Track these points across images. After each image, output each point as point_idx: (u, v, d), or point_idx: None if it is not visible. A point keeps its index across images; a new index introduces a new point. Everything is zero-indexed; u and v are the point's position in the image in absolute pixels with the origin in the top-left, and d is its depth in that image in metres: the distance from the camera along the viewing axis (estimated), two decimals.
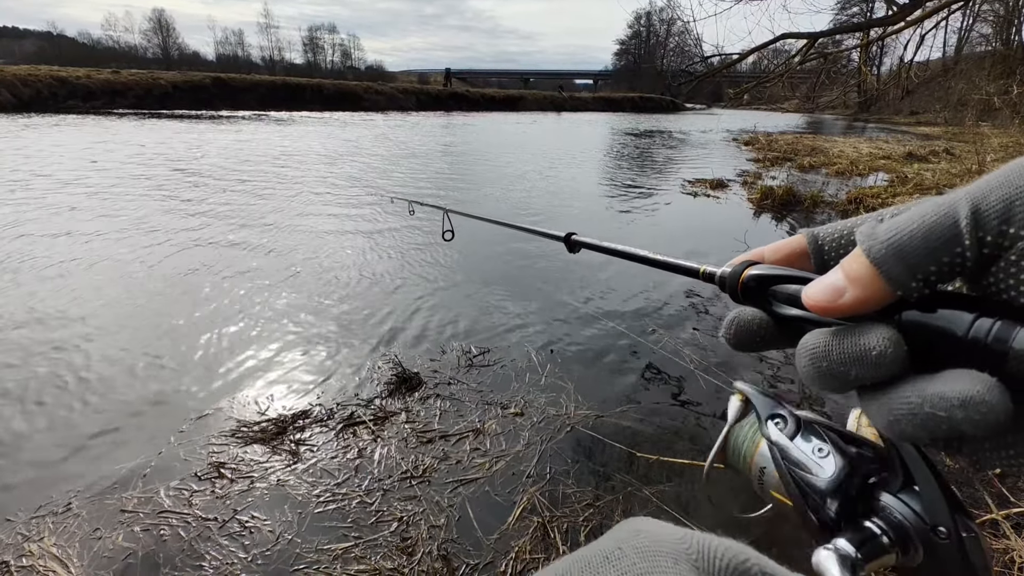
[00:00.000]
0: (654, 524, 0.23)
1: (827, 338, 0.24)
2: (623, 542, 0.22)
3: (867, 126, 29.68)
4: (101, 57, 56.41)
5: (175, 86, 25.55)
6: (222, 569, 1.59)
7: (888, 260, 0.22)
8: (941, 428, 0.21)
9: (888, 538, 0.28)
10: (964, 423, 0.20)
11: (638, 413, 2.40)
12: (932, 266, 0.22)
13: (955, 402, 0.20)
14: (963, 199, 0.22)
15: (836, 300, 0.24)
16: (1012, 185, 0.21)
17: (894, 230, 0.23)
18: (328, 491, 1.89)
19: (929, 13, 7.70)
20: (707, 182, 8.78)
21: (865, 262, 0.23)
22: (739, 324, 0.30)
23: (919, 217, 0.22)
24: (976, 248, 0.21)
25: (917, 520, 0.28)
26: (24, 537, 1.67)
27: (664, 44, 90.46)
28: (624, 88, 72.03)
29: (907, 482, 0.29)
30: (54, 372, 2.58)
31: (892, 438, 0.27)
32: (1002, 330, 0.20)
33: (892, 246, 0.22)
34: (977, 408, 0.19)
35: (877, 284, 0.23)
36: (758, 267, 0.30)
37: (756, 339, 0.29)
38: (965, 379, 0.20)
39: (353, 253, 4.59)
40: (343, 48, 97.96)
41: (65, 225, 5.03)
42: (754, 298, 0.30)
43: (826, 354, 0.24)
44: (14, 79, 20.06)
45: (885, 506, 0.29)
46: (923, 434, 0.21)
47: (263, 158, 10.03)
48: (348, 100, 31.25)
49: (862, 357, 0.23)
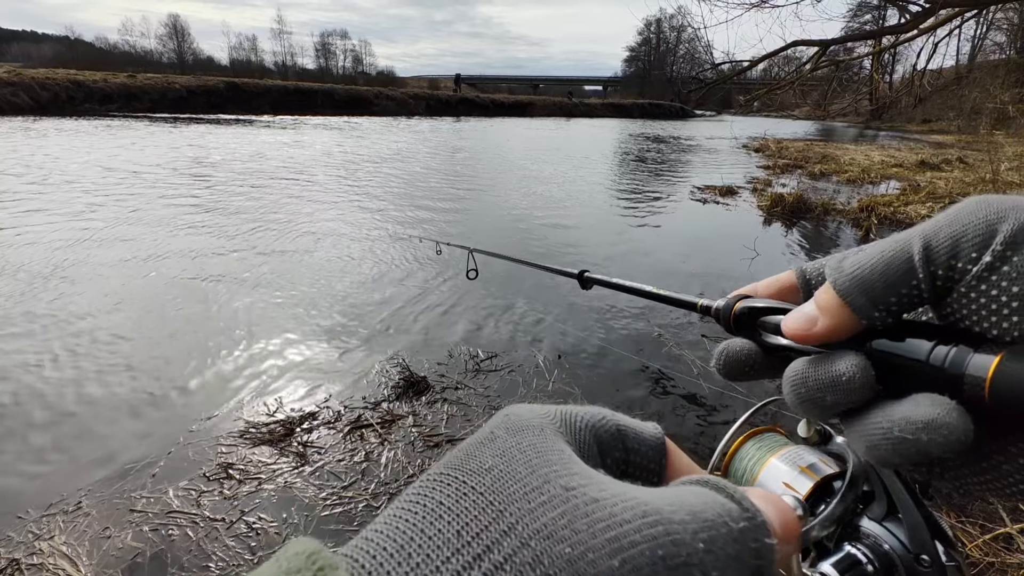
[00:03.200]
0: (523, 407, 0.25)
1: (805, 366, 0.26)
2: (495, 427, 0.23)
3: (879, 133, 29.47)
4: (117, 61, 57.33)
5: (189, 90, 25.88)
6: (229, 570, 1.59)
7: (852, 292, 0.24)
8: (912, 451, 0.22)
9: (873, 567, 0.29)
10: (930, 445, 0.21)
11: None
12: (892, 297, 0.24)
13: (919, 424, 0.21)
14: (917, 236, 0.24)
15: (810, 329, 0.26)
16: (959, 223, 0.23)
17: (856, 265, 0.25)
18: (335, 494, 1.90)
19: (942, 21, 7.65)
20: (717, 189, 8.75)
21: (833, 293, 0.25)
22: (728, 354, 0.31)
23: (879, 252, 0.24)
24: (930, 281, 0.23)
25: (901, 548, 0.28)
26: (35, 535, 1.69)
27: (674, 51, 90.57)
28: (634, 94, 72.04)
29: (891, 510, 0.30)
30: (66, 374, 2.61)
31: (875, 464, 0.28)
32: (957, 356, 0.22)
33: (855, 279, 0.24)
34: (939, 430, 0.21)
35: (844, 314, 0.25)
36: (749, 300, 0.32)
37: (745, 368, 0.30)
38: (927, 403, 0.22)
39: (366, 263, 4.61)
40: (354, 53, 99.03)
41: (79, 228, 5.11)
42: (745, 329, 0.31)
43: (804, 380, 0.25)
44: (32, 82, 20.42)
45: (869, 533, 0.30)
46: (899, 459, 0.23)
47: (315, 163, 10.13)
48: (359, 105, 31.49)
49: (834, 383, 0.24)
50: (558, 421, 0.22)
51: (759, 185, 9.32)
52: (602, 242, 5.55)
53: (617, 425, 0.24)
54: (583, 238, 5.66)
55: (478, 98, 41.13)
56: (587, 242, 5.52)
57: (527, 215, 6.49)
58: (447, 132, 20.86)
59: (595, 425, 0.23)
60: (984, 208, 0.23)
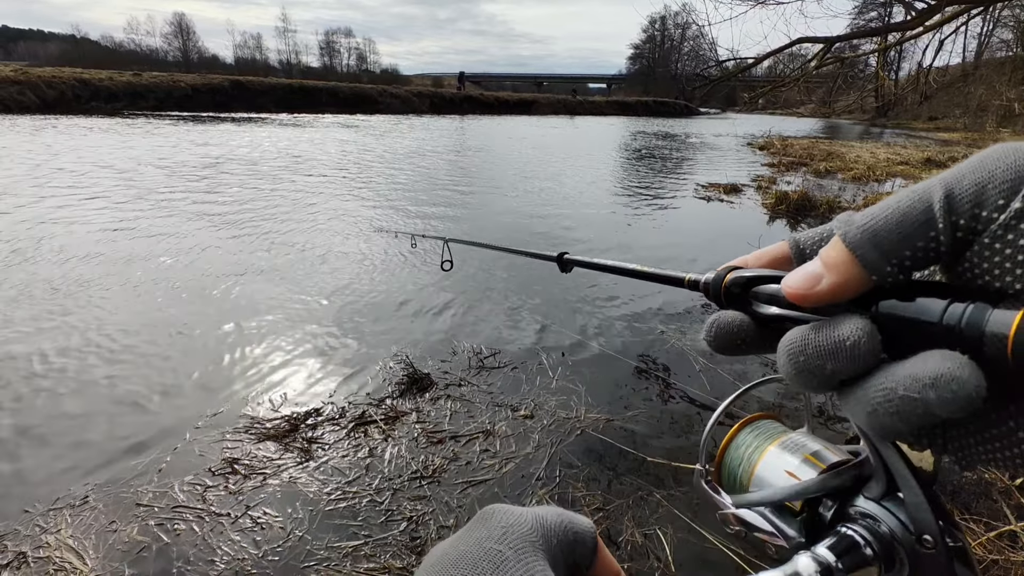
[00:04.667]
0: (512, 515, 0.27)
1: (804, 332, 0.24)
2: (501, 542, 0.25)
3: (885, 131, 29.29)
4: (123, 60, 57.55)
5: (195, 88, 25.95)
6: (234, 564, 1.60)
7: (864, 245, 0.22)
8: (916, 412, 0.20)
9: (872, 549, 0.27)
10: (937, 403, 0.20)
11: (649, 417, 2.39)
12: (907, 251, 0.22)
13: (927, 380, 0.20)
14: (937, 185, 0.22)
15: (813, 287, 0.24)
16: (985, 169, 0.21)
17: (869, 216, 0.23)
18: (339, 489, 1.91)
19: (948, 18, 7.60)
20: (721, 186, 8.72)
21: (842, 248, 0.23)
22: (719, 326, 0.29)
23: (895, 203, 0.23)
24: (950, 232, 0.22)
25: (902, 529, 0.27)
26: (42, 528, 1.70)
27: (679, 48, 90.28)
28: (638, 92, 71.80)
29: (890, 489, 0.28)
30: (72, 371, 2.63)
31: (873, 435, 0.27)
32: (975, 313, 0.20)
33: (868, 231, 0.23)
34: (948, 386, 0.19)
35: (853, 270, 0.23)
36: (741, 271, 0.30)
37: (737, 341, 0.29)
38: (936, 358, 0.20)
39: (368, 260, 4.63)
40: (359, 52, 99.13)
41: (91, 225, 5.14)
42: (737, 302, 0.30)
43: (803, 348, 0.24)
44: (39, 81, 20.51)
45: (868, 514, 0.28)
46: (901, 423, 0.21)
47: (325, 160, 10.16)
48: (364, 103, 31.50)
49: (837, 348, 0.23)
50: (537, 537, 0.26)
51: (763, 183, 9.29)
52: (604, 239, 5.54)
53: (573, 532, 0.28)
54: (585, 236, 5.66)
55: (482, 96, 41.07)
56: (588, 239, 5.51)
57: (528, 211, 6.49)
58: (452, 130, 20.85)
59: (561, 539, 0.27)
60: (1012, 154, 0.21)
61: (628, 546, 1.70)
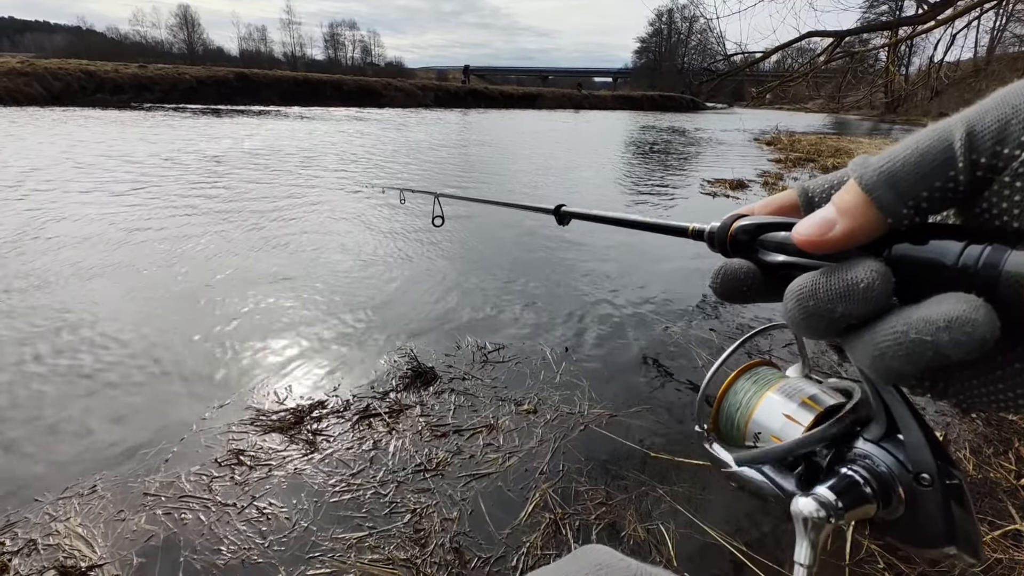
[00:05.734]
0: (612, 557, 0.25)
1: (815, 277, 0.24)
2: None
3: (894, 127, 29.02)
4: (129, 52, 57.45)
5: (199, 81, 25.93)
6: (240, 554, 1.62)
7: (880, 187, 0.22)
8: (927, 355, 0.20)
9: (871, 488, 0.27)
10: (950, 346, 0.19)
11: (653, 413, 2.39)
12: (924, 191, 0.22)
13: (941, 323, 0.20)
14: (958, 122, 0.22)
15: (826, 233, 0.23)
16: (1008, 105, 0.21)
17: (887, 158, 0.22)
18: (343, 481, 1.92)
19: (960, 12, 7.50)
20: (727, 182, 8.67)
21: (857, 190, 0.23)
22: (726, 273, 0.29)
23: (913, 143, 0.22)
24: (969, 171, 0.21)
25: (900, 468, 0.27)
26: (51, 517, 1.73)
27: (686, 42, 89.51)
28: (644, 86, 71.37)
29: (890, 430, 0.28)
30: (81, 362, 2.66)
31: (877, 378, 0.26)
32: (992, 255, 0.20)
33: (884, 173, 0.22)
34: (962, 328, 0.19)
35: (868, 213, 0.22)
36: (748, 218, 0.30)
37: (743, 288, 0.29)
38: (951, 301, 0.20)
39: (370, 248, 4.63)
40: (363, 44, 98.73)
41: (96, 222, 5.17)
42: (744, 250, 0.30)
43: (813, 292, 0.24)
44: (45, 72, 20.55)
45: (868, 454, 0.28)
46: (908, 366, 0.21)
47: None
48: (368, 96, 31.41)
49: (849, 291, 0.22)
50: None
51: (770, 179, 9.23)
52: (607, 237, 5.52)
53: None
54: (587, 235, 5.64)
55: (487, 90, 40.88)
56: (591, 235, 5.49)
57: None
58: (457, 125, 20.80)
59: None
60: None
61: (631, 541, 1.71)
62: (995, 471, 2.02)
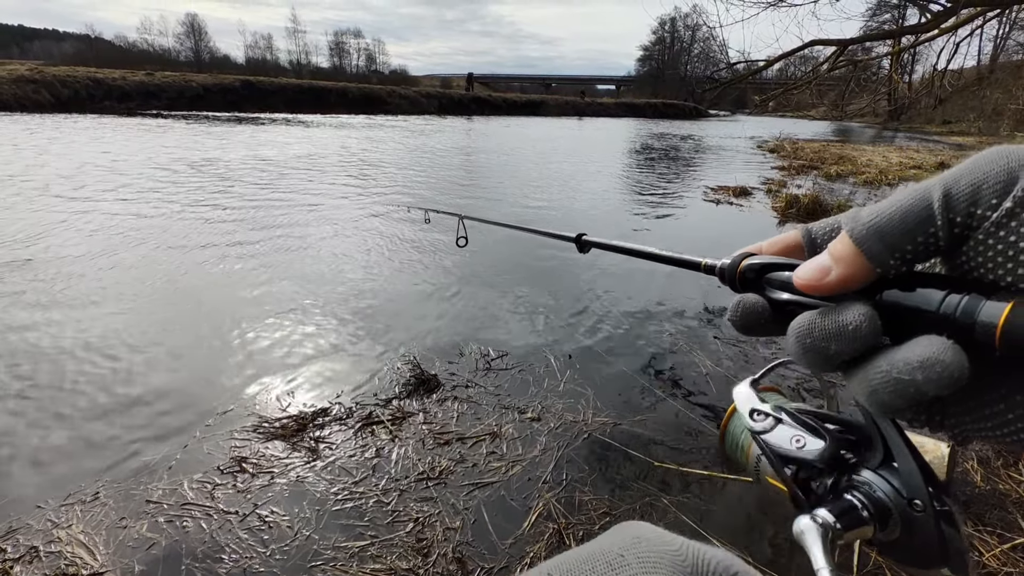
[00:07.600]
0: (653, 531, 0.26)
1: (812, 317, 0.27)
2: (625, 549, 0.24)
3: (897, 135, 29.01)
4: (136, 59, 57.93)
5: (206, 88, 26.17)
6: (241, 562, 1.61)
7: (869, 239, 0.25)
8: (910, 391, 0.23)
9: (868, 512, 0.30)
10: (924, 384, 0.22)
11: (657, 422, 2.38)
12: (908, 245, 0.24)
13: (915, 363, 0.22)
14: (937, 185, 0.24)
15: (822, 279, 0.26)
16: (980, 171, 0.23)
17: (875, 213, 0.25)
18: (346, 489, 1.91)
19: (964, 21, 7.51)
20: (730, 189, 8.66)
21: (849, 242, 0.25)
22: (744, 307, 0.32)
23: (897, 201, 0.25)
24: (948, 228, 0.24)
25: (895, 494, 0.29)
26: (53, 524, 1.72)
27: (688, 50, 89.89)
28: (647, 94, 71.55)
29: (887, 458, 0.30)
30: (85, 368, 2.66)
31: (874, 411, 0.29)
32: (969, 304, 0.22)
33: (873, 227, 0.25)
34: (933, 368, 0.22)
35: (859, 262, 0.25)
36: (755, 257, 0.33)
37: (760, 322, 0.31)
38: (924, 343, 0.22)
39: (375, 257, 4.64)
40: (368, 52, 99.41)
41: (99, 224, 5.20)
42: (752, 287, 0.32)
43: (810, 331, 0.26)
44: (54, 79, 20.78)
45: (866, 482, 0.31)
46: (898, 400, 0.23)
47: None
48: (373, 103, 31.62)
49: (840, 331, 0.25)
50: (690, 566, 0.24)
51: (774, 186, 9.22)
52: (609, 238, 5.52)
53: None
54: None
55: (490, 97, 41.10)
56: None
57: (531, 215, 6.48)
58: (462, 131, 20.89)
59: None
60: (1005, 157, 0.23)
61: None
62: (1004, 483, 1.99)
